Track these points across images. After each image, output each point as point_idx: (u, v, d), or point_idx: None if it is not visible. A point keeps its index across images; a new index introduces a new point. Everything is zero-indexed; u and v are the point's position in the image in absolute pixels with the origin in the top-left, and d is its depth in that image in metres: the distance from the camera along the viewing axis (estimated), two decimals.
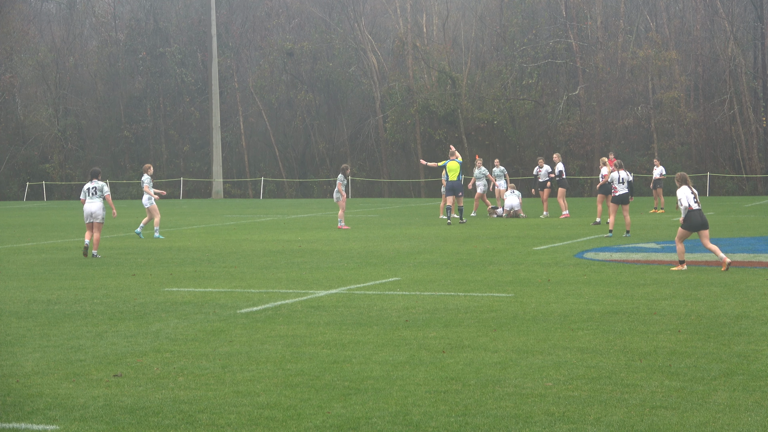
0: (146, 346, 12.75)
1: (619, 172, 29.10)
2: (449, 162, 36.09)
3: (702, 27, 75.16)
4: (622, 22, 76.71)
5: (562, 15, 76.97)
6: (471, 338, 12.88)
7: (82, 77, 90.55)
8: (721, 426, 8.85)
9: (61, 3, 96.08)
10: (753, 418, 9.08)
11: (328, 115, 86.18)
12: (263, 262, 23.25)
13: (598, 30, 76.40)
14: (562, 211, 39.30)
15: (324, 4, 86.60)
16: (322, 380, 10.68)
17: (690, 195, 20.42)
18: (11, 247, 29.02)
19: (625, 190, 28.99)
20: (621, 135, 74.67)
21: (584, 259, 22.88)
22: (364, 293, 17.39)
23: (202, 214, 49.65)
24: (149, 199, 31.41)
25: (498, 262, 22.25)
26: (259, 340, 12.97)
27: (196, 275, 20.61)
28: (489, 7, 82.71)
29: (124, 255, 25.55)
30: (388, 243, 28.00)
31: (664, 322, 14.01)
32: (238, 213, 50.07)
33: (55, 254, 26.19)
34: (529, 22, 78.19)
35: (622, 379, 10.57)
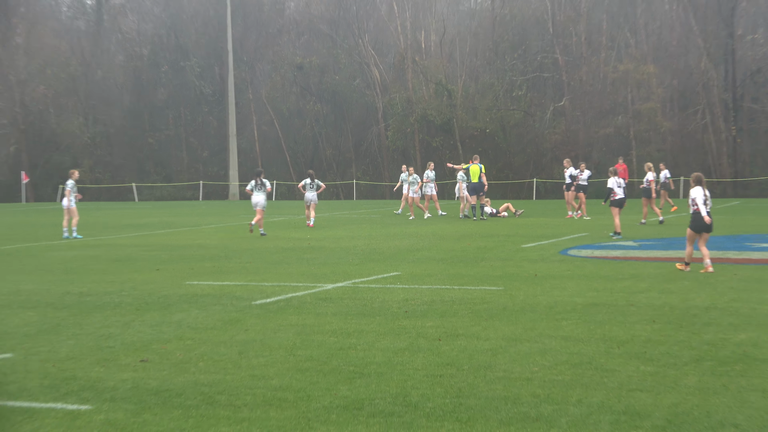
0: (170, 334, 12.81)
1: (616, 179, 29.12)
2: (471, 166, 36.90)
3: (678, 43, 75.11)
4: (604, 38, 76.65)
5: (549, 32, 76.94)
6: (465, 327, 12.92)
7: (109, 89, 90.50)
8: (691, 407, 8.90)
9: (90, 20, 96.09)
10: (720, 400, 9.14)
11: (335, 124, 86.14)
12: (275, 258, 23.28)
13: (582, 46, 76.36)
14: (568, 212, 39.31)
15: (331, 21, 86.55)
16: (329, 365, 10.73)
17: (701, 197, 19.54)
18: (47, 244, 29.08)
19: (623, 195, 29.04)
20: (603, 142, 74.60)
21: (568, 255, 22.90)
22: (368, 286, 17.42)
23: (219, 214, 49.64)
24: (72, 201, 30.94)
25: (489, 259, 22.26)
26: (272, 329, 13.02)
27: (215, 270, 20.65)
28: (482, 25, 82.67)
29: (148, 252, 25.59)
30: (389, 241, 28.01)
31: (640, 313, 14.05)
32: (253, 213, 50.05)
33: (87, 251, 26.23)
34: (518, 39, 78.14)
35: (601, 364, 10.61)
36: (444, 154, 78.11)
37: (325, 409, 8.93)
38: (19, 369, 10.78)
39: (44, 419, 8.80)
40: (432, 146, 78.69)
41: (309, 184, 35.45)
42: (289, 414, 8.82)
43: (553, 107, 76.08)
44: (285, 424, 8.52)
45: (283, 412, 8.89)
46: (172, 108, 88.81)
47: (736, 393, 9.38)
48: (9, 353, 11.67)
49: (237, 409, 8.98)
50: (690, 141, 72.93)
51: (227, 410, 8.96)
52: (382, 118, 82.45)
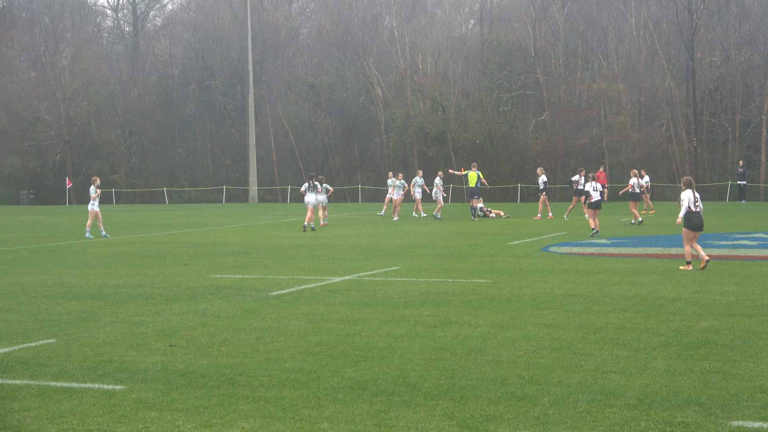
0: (195, 321, 12.75)
1: (593, 183, 29.19)
2: (470, 172, 37.26)
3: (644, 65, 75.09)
4: (579, 60, 76.62)
5: (531, 55, 76.92)
6: (457, 316, 12.86)
7: (144, 105, 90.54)
8: (660, 387, 8.82)
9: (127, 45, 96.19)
10: (686, 381, 9.06)
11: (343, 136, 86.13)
12: (289, 254, 23.24)
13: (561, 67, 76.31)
14: (538, 213, 39.33)
15: (339, 45, 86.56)
16: (337, 349, 10.67)
17: (692, 198, 18.64)
18: (86, 242, 29.02)
19: (599, 198, 29.03)
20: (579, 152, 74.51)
21: (549, 252, 22.85)
22: (371, 279, 17.37)
23: (240, 215, 49.64)
24: (93, 204, 30.68)
25: (479, 255, 22.22)
26: (286, 317, 12.96)
27: (236, 265, 20.60)
28: (472, 48, 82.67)
29: (176, 248, 25.53)
30: (391, 239, 27.98)
31: (613, 303, 13.98)
32: (270, 214, 50.06)
33: (122, 248, 26.17)
34: (504, 61, 78.11)
35: (579, 349, 10.54)
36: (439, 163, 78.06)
37: (333, 389, 8.87)
38: (61, 353, 10.70)
39: (83, 398, 8.72)
40: (428, 155, 78.67)
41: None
42: (301, 393, 8.75)
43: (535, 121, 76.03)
44: (297, 402, 8.46)
45: (295, 391, 8.82)
46: (198, 121, 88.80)
47: (700, 375, 9.30)
48: (52, 339, 11.59)
49: (255, 389, 8.91)
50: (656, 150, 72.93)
51: (246, 390, 8.90)
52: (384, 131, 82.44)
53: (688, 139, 72.29)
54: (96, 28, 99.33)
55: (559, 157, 74.11)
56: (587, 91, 74.10)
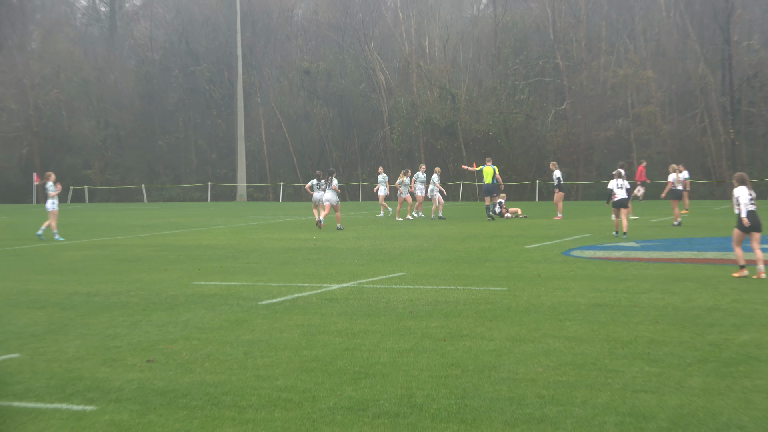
0: (176, 334, 12.67)
1: (618, 180, 29.20)
2: (485, 167, 37.32)
3: (675, 49, 75.00)
4: (603, 44, 76.57)
5: (550, 38, 76.88)
6: (469, 328, 12.78)
7: (121, 93, 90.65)
8: (695, 408, 8.73)
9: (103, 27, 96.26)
10: (725, 401, 8.97)
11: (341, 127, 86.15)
12: (282, 258, 23.17)
13: (583, 51, 76.26)
14: (557, 212, 39.31)
15: (337, 27, 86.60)
16: (334, 365, 10.59)
17: (747, 196, 18.29)
18: (56, 244, 28.97)
19: (624, 196, 29.00)
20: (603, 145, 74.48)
21: (571, 256, 22.78)
22: (373, 287, 17.30)
23: (227, 215, 49.61)
24: (53, 203, 30.65)
25: (493, 259, 22.15)
26: (278, 329, 12.88)
27: (222, 270, 20.54)
28: (485, 31, 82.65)
29: (156, 252, 25.48)
30: (394, 241, 27.91)
31: (643, 313, 13.90)
32: (260, 214, 50.03)
33: (96, 251, 26.12)
34: (520, 45, 78.11)
35: (605, 365, 10.45)
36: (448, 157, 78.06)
37: (330, 410, 8.78)
38: (25, 369, 10.62)
39: (49, 420, 8.64)
40: (436, 149, 78.66)
41: (317, 184, 35.68)
42: (294, 415, 8.67)
43: (555, 111, 76.00)
44: (290, 425, 8.37)
45: (288, 413, 8.74)
46: (182, 111, 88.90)
47: (741, 394, 9.21)
48: (16, 353, 11.51)
49: (242, 410, 8.83)
50: (689, 143, 72.81)
51: (232, 411, 8.81)
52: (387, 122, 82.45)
53: (724, 130, 72.22)
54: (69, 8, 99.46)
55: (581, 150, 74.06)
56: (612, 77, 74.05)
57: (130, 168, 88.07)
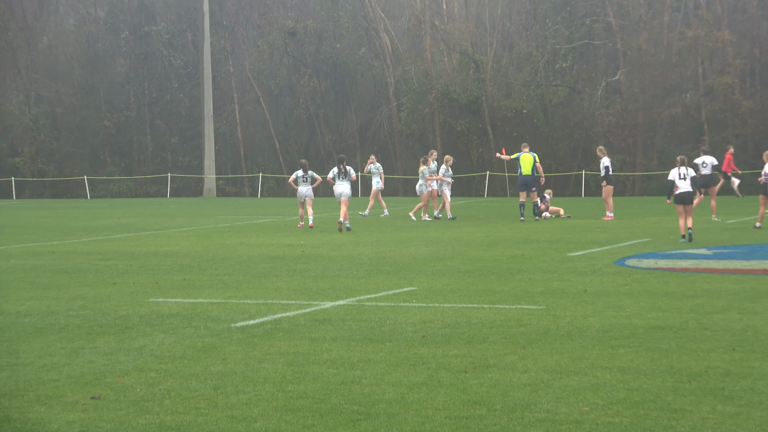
0: (128, 364, 12.71)
1: (680, 169, 29.14)
2: (522, 154, 37.42)
3: (759, 4, 74.95)
4: None
5: None
6: (497, 356, 12.82)
7: (56, 60, 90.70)
8: None
9: None
10: None
11: (335, 103, 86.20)
12: (261, 269, 23.20)
13: (641, 7, 76.28)
14: (607, 211, 39.32)
15: None
16: (327, 404, 10.63)
17: None
18: None
19: (688, 189, 28.98)
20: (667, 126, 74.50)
21: (626, 266, 22.78)
22: (376, 305, 17.33)
23: (191, 214, 49.61)
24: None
25: (528, 270, 22.17)
26: (257, 358, 12.92)
27: (185, 284, 20.57)
28: None
29: (102, 261, 25.52)
30: (403, 248, 27.93)
31: (716, 338, 13.92)
32: (233, 213, 50.03)
33: (26, 260, 26.16)
34: None
35: (668, 403, 10.49)
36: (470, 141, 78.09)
37: None
38: None
39: None
40: (455, 131, 78.72)
41: (302, 176, 35.90)
42: None
43: (606, 82, 76.03)
44: None
45: None
46: (133, 83, 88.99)
47: None
48: None
49: None
50: None
51: None
52: (394, 96, 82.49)
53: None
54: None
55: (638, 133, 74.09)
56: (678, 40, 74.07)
57: (69, 155, 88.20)
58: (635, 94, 75.05)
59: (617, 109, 74.99)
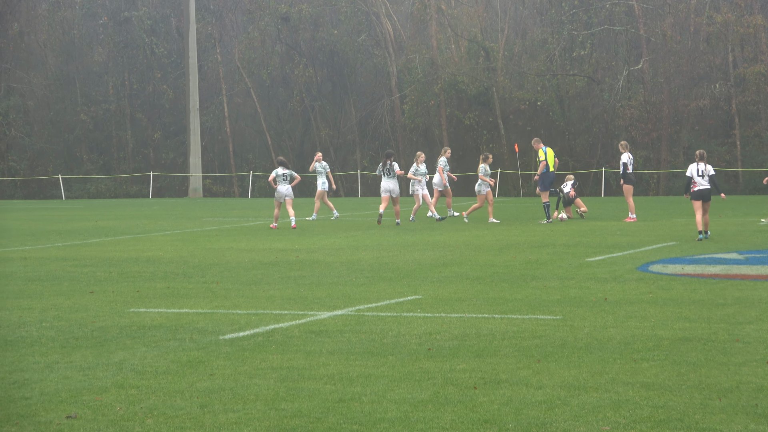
0: (107, 380, 12.71)
1: (698, 165, 29.23)
2: (547, 148, 37.88)
3: None
4: None
5: None
6: (509, 371, 12.82)
7: (28, 48, 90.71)
8: None
9: None
10: None
11: (333, 95, 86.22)
12: (252, 276, 23.20)
13: None
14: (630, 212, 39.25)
15: None
16: (324, 423, 10.63)
17: None
18: None
19: (706, 186, 29.05)
20: (694, 119, 74.49)
21: (649, 272, 22.78)
22: (377, 315, 17.33)
23: (176, 216, 49.61)
24: None
25: (543, 277, 22.17)
26: (247, 374, 12.92)
27: (169, 293, 20.57)
28: None
29: (78, 268, 25.52)
30: (407, 252, 27.93)
31: (749, 351, 13.92)
32: (221, 216, 50.03)
33: None
34: None
35: (696, 422, 10.48)
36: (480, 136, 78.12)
37: None
38: None
39: None
40: (464, 125, 78.77)
41: (281, 175, 36.39)
42: None
43: (628, 71, 76.03)
44: None
45: None
46: (112, 74, 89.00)
47: None
48: None
49: None
50: None
51: None
52: (397, 88, 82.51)
53: None
54: None
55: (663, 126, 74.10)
56: (707, 25, 74.08)
57: (42, 152, 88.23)
58: (659, 84, 75.03)
59: (640, 101, 74.97)
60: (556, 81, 76.73)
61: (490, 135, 77.94)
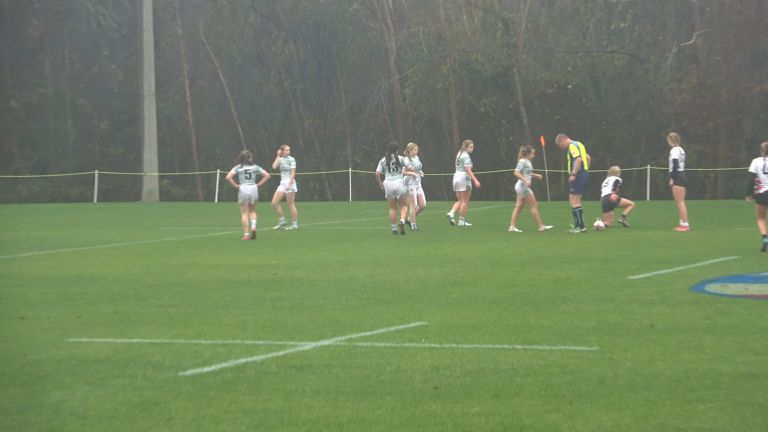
0: (40, 426, 12.67)
1: (765, 160, 29.23)
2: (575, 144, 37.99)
3: None
4: None
5: None
6: (535, 415, 12.79)
7: None
8: None
9: None
10: None
11: (319, 77, 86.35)
12: (219, 298, 23.18)
13: None
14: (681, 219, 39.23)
15: None
16: None
17: None
18: None
19: None
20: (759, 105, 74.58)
21: (706, 293, 22.76)
22: (372, 346, 17.31)
23: (127, 225, 49.63)
24: None
25: (575, 299, 22.15)
26: (213, 418, 12.89)
27: (118, 319, 20.54)
28: None
29: (7, 287, 25.52)
30: (408, 269, 27.93)
31: None
32: (182, 224, 50.05)
33: None
34: None
35: None
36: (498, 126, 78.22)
37: None
38: None
39: None
40: (478, 113, 78.87)
41: (244, 172, 36.40)
42: None
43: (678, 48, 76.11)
44: None
45: None
46: (49, 51, 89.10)
47: None
48: None
49: None
50: None
51: None
52: (396, 68, 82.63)
53: None
54: None
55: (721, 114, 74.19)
56: None
57: None
58: (716, 63, 75.12)
59: (693, 84, 75.06)
60: (590, 59, 76.79)
61: (510, 125, 78.02)
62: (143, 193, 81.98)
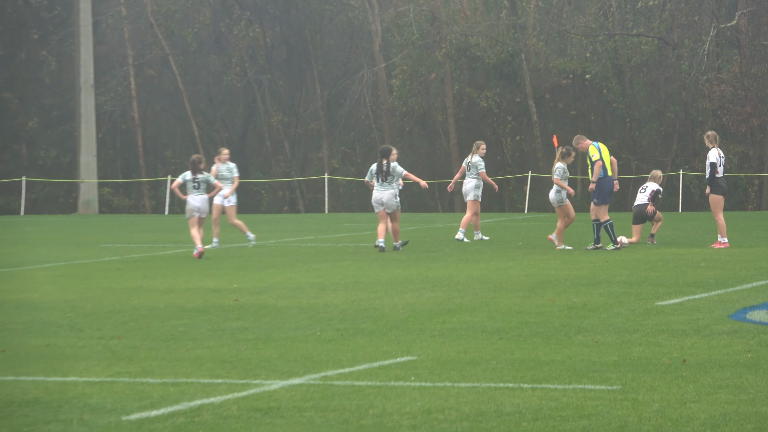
0: None
1: None
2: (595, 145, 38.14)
3: None
4: None
5: None
6: None
7: None
8: None
9: None
10: None
11: (289, 66, 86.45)
12: (170, 328, 23.23)
13: None
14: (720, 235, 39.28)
15: None
16: None
17: None
18: None
19: None
20: None
21: (747, 322, 22.84)
22: (352, 384, 17.36)
23: (60, 241, 49.65)
24: None
25: (592, 329, 22.23)
26: None
27: (50, 353, 20.59)
28: None
29: None
30: (395, 293, 27.99)
31: None
32: (126, 241, 50.07)
33: None
34: None
35: None
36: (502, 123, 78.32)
37: None
38: None
39: None
40: (479, 107, 79.04)
41: (191, 180, 36.32)
42: None
43: (717, 31, 76.28)
44: None
45: None
46: None
47: None
48: None
49: None
50: None
51: None
52: (382, 54, 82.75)
53: None
54: None
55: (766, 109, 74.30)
56: None
57: None
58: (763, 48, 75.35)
59: (734, 74, 75.27)
60: (612, 44, 76.99)
61: (518, 122, 78.18)
62: (80, 204, 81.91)
